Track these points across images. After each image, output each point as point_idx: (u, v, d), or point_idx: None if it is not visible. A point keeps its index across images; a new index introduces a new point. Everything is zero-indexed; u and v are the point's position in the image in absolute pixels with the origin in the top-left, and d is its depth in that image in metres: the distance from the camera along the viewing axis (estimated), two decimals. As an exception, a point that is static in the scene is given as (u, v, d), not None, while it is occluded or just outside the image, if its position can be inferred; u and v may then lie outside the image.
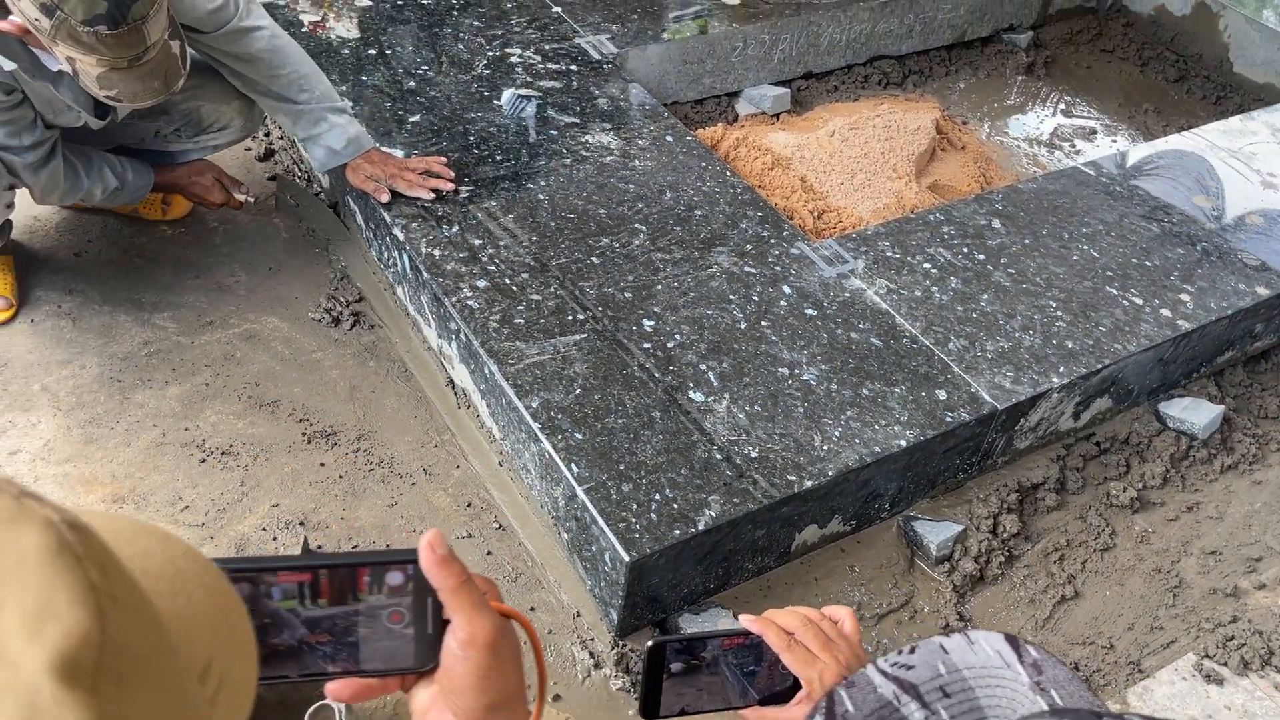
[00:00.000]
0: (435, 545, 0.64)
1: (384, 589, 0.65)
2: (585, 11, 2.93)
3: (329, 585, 0.64)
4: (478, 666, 0.65)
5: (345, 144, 2.12)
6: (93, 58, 1.63)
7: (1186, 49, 3.52)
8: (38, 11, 1.58)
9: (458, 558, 0.65)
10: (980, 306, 2.08)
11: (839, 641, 1.00)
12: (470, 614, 0.64)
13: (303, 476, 1.95)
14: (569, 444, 1.73)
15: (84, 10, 1.58)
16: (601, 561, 1.66)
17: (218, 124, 2.23)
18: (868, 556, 1.88)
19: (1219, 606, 1.87)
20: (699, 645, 0.99)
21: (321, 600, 0.64)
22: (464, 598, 0.64)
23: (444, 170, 2.20)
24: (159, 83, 1.74)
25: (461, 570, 0.65)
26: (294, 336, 2.23)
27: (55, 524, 0.38)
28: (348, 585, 0.65)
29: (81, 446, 1.95)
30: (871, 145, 2.79)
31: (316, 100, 2.10)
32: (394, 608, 0.66)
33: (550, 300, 1.98)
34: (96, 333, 2.17)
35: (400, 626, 0.66)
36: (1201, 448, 2.14)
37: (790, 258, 2.14)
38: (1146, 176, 2.50)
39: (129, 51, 1.65)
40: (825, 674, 0.96)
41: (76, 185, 2.07)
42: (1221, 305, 2.15)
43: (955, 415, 1.85)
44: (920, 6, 3.25)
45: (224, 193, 2.32)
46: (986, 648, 0.65)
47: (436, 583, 0.64)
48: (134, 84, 1.70)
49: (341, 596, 0.65)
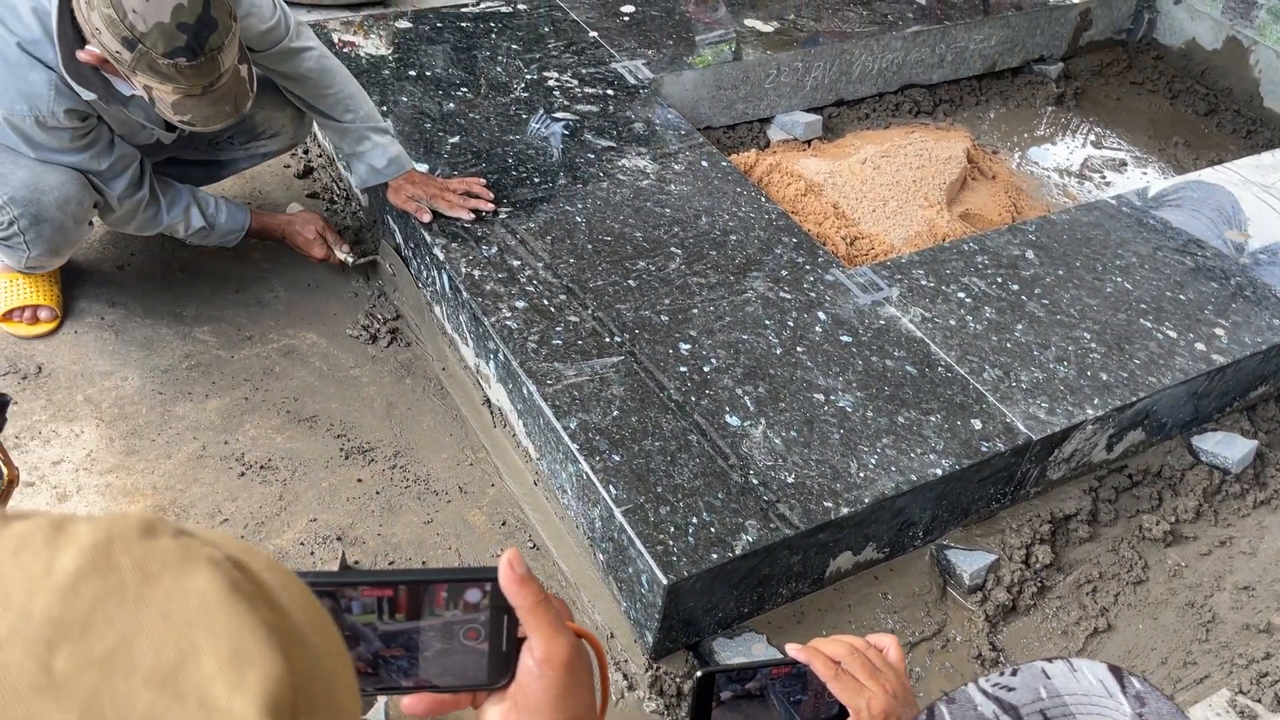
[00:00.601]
0: (515, 564, 0.65)
1: (461, 605, 0.67)
2: (621, 37, 2.96)
3: (408, 601, 0.66)
4: (554, 685, 0.66)
5: (387, 163, 2.16)
6: (169, 86, 1.69)
7: (1217, 83, 3.53)
8: (119, 45, 1.63)
9: (535, 577, 0.67)
10: (1015, 337, 2.09)
11: (885, 670, 1.01)
12: (548, 633, 0.66)
13: (340, 492, 1.96)
14: (606, 465, 1.74)
15: (164, 44, 1.63)
16: (638, 583, 1.67)
17: (269, 131, 2.28)
18: (900, 584, 1.89)
19: (1252, 642, 1.87)
20: (747, 675, 1.01)
21: (399, 615, 0.66)
22: (542, 616, 0.66)
23: (483, 191, 2.23)
24: (229, 107, 1.79)
25: (540, 589, 0.66)
26: (332, 353, 2.25)
27: (220, 562, 0.39)
28: (426, 601, 0.66)
29: (123, 457, 1.98)
30: (903, 173, 2.81)
31: (361, 120, 2.13)
32: (470, 624, 0.67)
33: (588, 322, 2.00)
34: (138, 345, 2.20)
35: (475, 643, 0.68)
36: (1234, 482, 2.13)
37: (825, 284, 2.16)
38: (1169, 207, 2.51)
39: (204, 80, 1.70)
40: (873, 702, 0.97)
41: (157, 218, 2.10)
42: (1256, 340, 2.15)
43: (990, 445, 1.85)
44: (952, 37, 3.27)
45: (326, 248, 2.32)
46: (1090, 676, 0.65)
47: (515, 601, 0.66)
48: (206, 109, 1.75)
49: (419, 612, 0.67)
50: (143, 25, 1.62)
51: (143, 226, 2.11)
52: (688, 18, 3.11)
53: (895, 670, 1.02)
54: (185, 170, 2.30)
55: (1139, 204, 2.52)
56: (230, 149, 2.29)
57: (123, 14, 1.61)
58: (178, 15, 1.63)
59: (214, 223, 2.17)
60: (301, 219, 2.32)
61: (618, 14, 3.08)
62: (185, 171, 2.30)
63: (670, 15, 3.12)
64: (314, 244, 2.31)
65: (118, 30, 1.62)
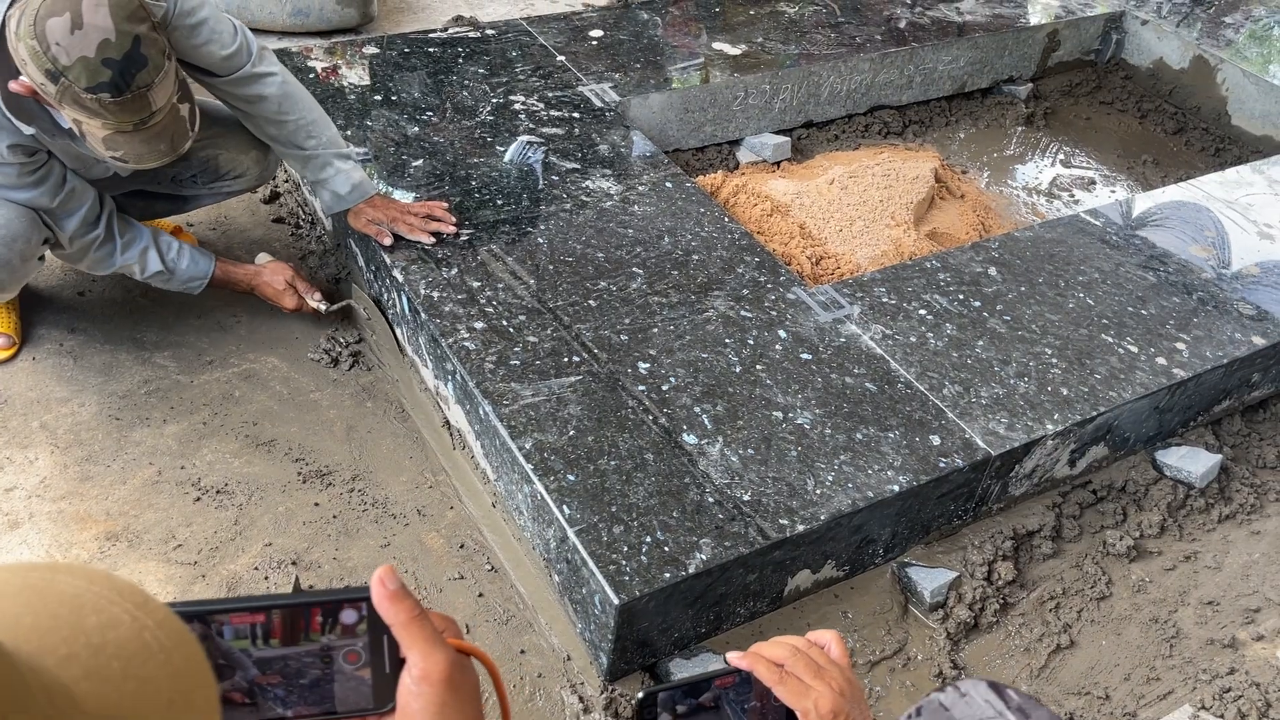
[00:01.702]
0: (387, 580, 0.64)
1: (338, 628, 0.65)
2: (589, 61, 2.97)
3: (282, 626, 0.64)
4: (433, 702, 0.64)
5: (350, 189, 2.15)
6: (97, 121, 1.65)
7: (1185, 101, 3.55)
8: (43, 77, 1.60)
9: (410, 593, 0.65)
10: (975, 353, 2.08)
11: (829, 668, 0.98)
12: (425, 649, 0.64)
13: (296, 516, 1.95)
14: (561, 485, 1.73)
15: (87, 78, 1.60)
16: (591, 604, 1.66)
17: (234, 172, 2.26)
18: (861, 602, 1.87)
19: (1216, 658, 1.85)
20: (691, 689, 0.98)
21: (274, 640, 0.64)
22: (417, 632, 0.64)
23: (445, 214, 2.23)
24: (165, 145, 1.74)
25: (414, 605, 0.65)
26: (293, 376, 2.24)
27: None
28: (301, 625, 0.65)
29: (77, 484, 1.96)
30: (870, 193, 2.81)
31: (324, 146, 2.12)
32: (350, 647, 0.66)
33: (547, 342, 1.99)
34: (97, 371, 2.19)
35: (357, 666, 0.66)
36: (1199, 497, 2.13)
37: (786, 303, 2.16)
38: (1153, 228, 2.51)
39: (134, 117, 1.67)
40: (820, 702, 0.95)
41: (109, 260, 2.06)
42: (1218, 354, 2.15)
43: (949, 461, 1.84)
44: (920, 58, 3.29)
45: (297, 298, 2.25)
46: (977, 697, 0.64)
47: (389, 618, 0.64)
48: (139, 146, 1.71)
49: (295, 637, 0.65)
50: (65, 59, 1.58)
51: (94, 266, 2.08)
52: (658, 42, 3.13)
53: (840, 666, 0.99)
54: (150, 202, 2.29)
55: (1121, 223, 2.52)
56: (194, 186, 2.27)
57: (45, 46, 1.58)
58: (104, 50, 1.60)
59: (173, 268, 2.12)
60: (271, 269, 2.25)
61: (586, 38, 3.10)
62: (150, 204, 2.30)
63: (639, 39, 3.14)
64: (284, 294, 2.24)
65: (40, 62, 1.59)
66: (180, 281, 2.16)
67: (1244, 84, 3.40)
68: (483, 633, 1.78)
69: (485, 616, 1.81)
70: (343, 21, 3.41)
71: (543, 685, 1.72)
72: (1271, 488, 2.19)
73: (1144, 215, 2.57)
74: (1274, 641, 1.88)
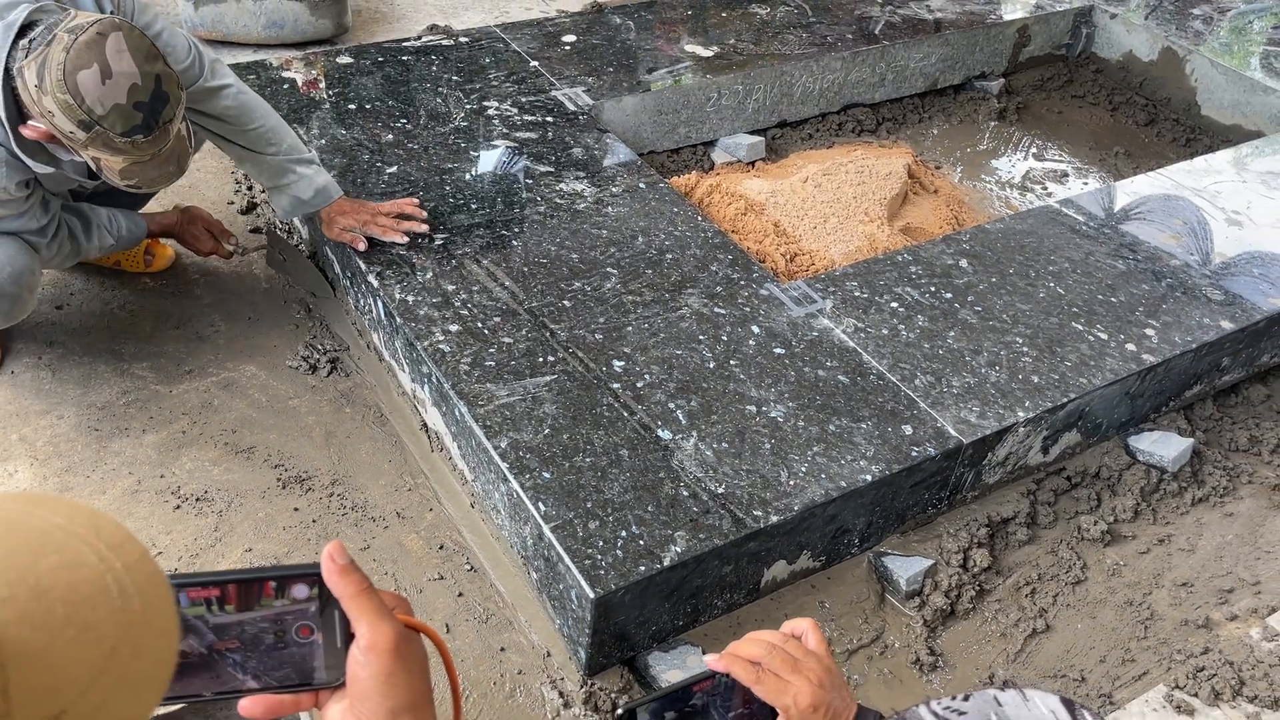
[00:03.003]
0: (336, 555, 0.66)
1: (290, 602, 0.67)
2: (562, 66, 3.00)
3: (237, 598, 0.66)
4: (380, 671, 0.66)
5: (314, 194, 2.17)
6: (120, 157, 1.74)
7: (1155, 93, 3.59)
8: (74, 126, 1.68)
9: (359, 568, 0.67)
10: (947, 344, 2.10)
11: (806, 659, 0.99)
12: (372, 620, 0.66)
13: (276, 521, 1.96)
14: (536, 483, 1.74)
15: (122, 124, 1.69)
16: (568, 599, 1.67)
17: None
18: (838, 592, 1.89)
19: (1191, 638, 1.87)
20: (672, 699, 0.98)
21: (229, 607, 0.66)
22: (365, 604, 0.66)
23: (416, 211, 2.25)
24: (173, 167, 1.85)
25: (362, 579, 0.67)
26: (271, 384, 2.25)
27: None
28: (255, 598, 0.67)
29: (57, 495, 1.96)
30: (844, 190, 2.84)
31: (284, 153, 2.15)
32: (302, 621, 0.68)
33: (521, 343, 2.01)
34: (75, 383, 2.20)
35: (309, 640, 0.68)
36: (1172, 480, 2.15)
37: (759, 298, 2.18)
38: (1135, 221, 2.54)
39: (155, 149, 1.77)
40: (799, 697, 0.95)
41: (77, 250, 2.14)
42: (1186, 339, 2.18)
43: (920, 450, 1.86)
44: (892, 56, 3.32)
45: (213, 241, 2.41)
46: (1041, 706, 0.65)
47: (337, 591, 0.66)
48: (152, 172, 1.81)
49: (249, 609, 0.67)
50: (100, 109, 1.67)
51: (66, 260, 2.14)
52: (631, 45, 3.15)
53: (818, 657, 1.00)
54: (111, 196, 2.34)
55: (1103, 216, 2.55)
56: None
57: (80, 99, 1.65)
58: (133, 95, 1.69)
59: (119, 235, 2.23)
60: (188, 215, 2.40)
61: (559, 44, 3.12)
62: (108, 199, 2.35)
63: (612, 43, 3.16)
64: (201, 238, 2.40)
65: (74, 114, 1.66)
66: (125, 244, 2.28)
67: (1212, 74, 3.43)
68: (463, 632, 1.80)
69: (465, 616, 1.82)
70: (318, 33, 3.43)
71: (523, 682, 1.73)
72: (1244, 470, 2.22)
73: (1126, 207, 2.60)
74: (1247, 621, 1.91)
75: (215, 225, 2.43)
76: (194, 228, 2.40)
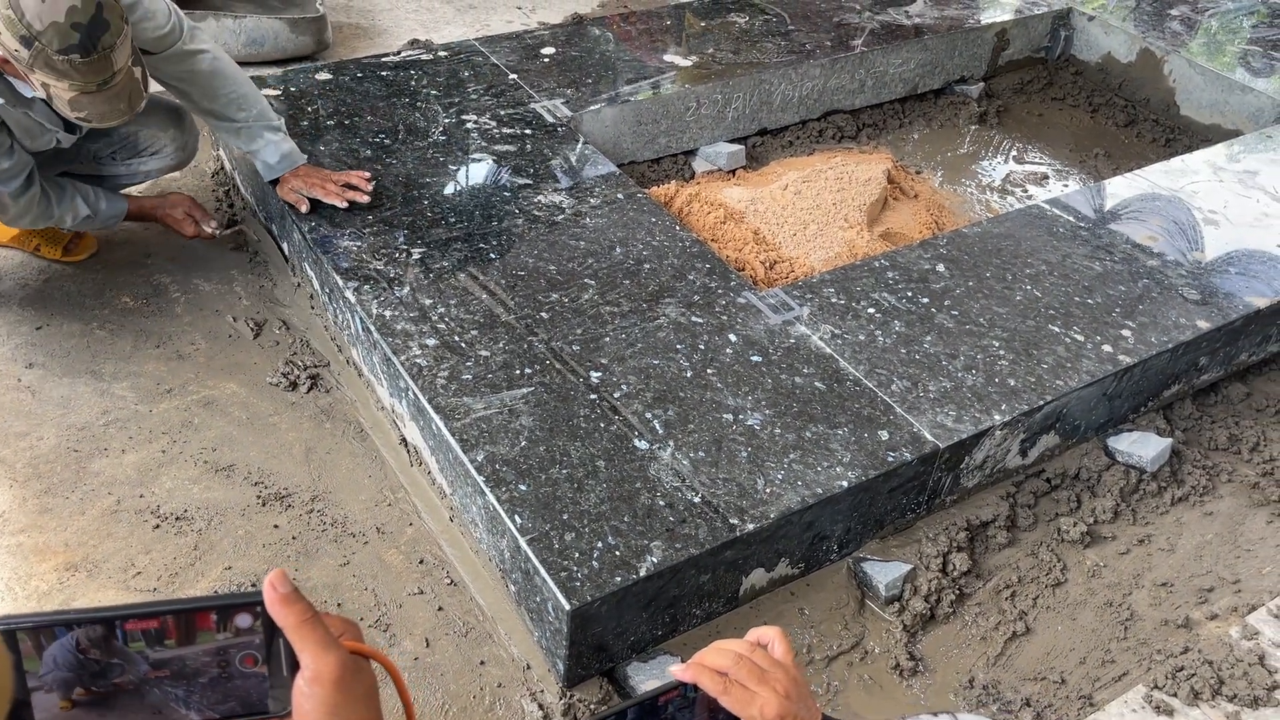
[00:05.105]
0: (278, 584, 0.65)
1: (233, 631, 0.67)
2: (541, 78, 3.00)
3: (176, 629, 0.65)
4: (324, 703, 0.65)
5: (279, 159, 2.32)
6: (65, 83, 1.81)
7: (1134, 94, 3.60)
8: (17, 43, 1.77)
9: (302, 596, 0.67)
10: (923, 348, 2.11)
11: (773, 670, 0.98)
12: (316, 650, 0.65)
13: (256, 539, 1.96)
14: (513, 496, 1.75)
15: (59, 41, 1.77)
16: (546, 611, 1.67)
17: (151, 149, 2.42)
18: (817, 599, 1.89)
19: (1170, 638, 1.87)
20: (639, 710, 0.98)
21: (169, 641, 0.65)
22: (308, 634, 0.65)
23: (363, 183, 2.38)
24: (124, 104, 1.92)
25: (305, 608, 0.66)
26: (251, 401, 2.25)
27: None
28: (196, 629, 0.66)
29: (36, 516, 1.97)
30: (824, 197, 2.84)
31: (255, 119, 2.29)
32: (246, 651, 0.67)
33: (499, 356, 2.01)
34: (55, 404, 2.20)
35: (254, 670, 0.68)
36: (1151, 481, 2.15)
37: (737, 307, 2.18)
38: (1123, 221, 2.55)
39: (98, 77, 1.83)
40: (765, 709, 0.95)
41: (48, 212, 2.23)
42: (1163, 339, 2.18)
43: (897, 455, 1.87)
44: (871, 62, 3.33)
45: (195, 225, 2.51)
46: None
47: (280, 621, 0.65)
48: (102, 106, 1.88)
49: (191, 640, 0.66)
50: (39, 24, 1.75)
51: (36, 220, 2.22)
52: (610, 57, 3.16)
53: (784, 667, 0.99)
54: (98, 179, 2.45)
55: (1093, 215, 2.56)
56: (113, 164, 2.43)
57: (20, 14, 1.75)
58: (71, 15, 1.77)
59: (96, 210, 2.32)
60: (171, 200, 2.50)
61: (538, 56, 3.13)
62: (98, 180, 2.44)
63: (590, 55, 3.17)
64: (184, 222, 2.49)
65: (16, 29, 1.76)
66: (103, 220, 2.35)
67: (1190, 75, 3.45)
68: (443, 646, 1.80)
69: (446, 630, 1.82)
70: (298, 50, 3.44)
71: (503, 695, 1.73)
72: (1223, 469, 2.22)
73: (1119, 208, 2.61)
74: (1227, 620, 1.91)
75: (198, 209, 2.51)
76: (176, 211, 2.49)
